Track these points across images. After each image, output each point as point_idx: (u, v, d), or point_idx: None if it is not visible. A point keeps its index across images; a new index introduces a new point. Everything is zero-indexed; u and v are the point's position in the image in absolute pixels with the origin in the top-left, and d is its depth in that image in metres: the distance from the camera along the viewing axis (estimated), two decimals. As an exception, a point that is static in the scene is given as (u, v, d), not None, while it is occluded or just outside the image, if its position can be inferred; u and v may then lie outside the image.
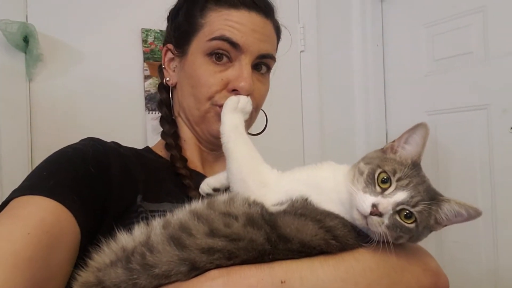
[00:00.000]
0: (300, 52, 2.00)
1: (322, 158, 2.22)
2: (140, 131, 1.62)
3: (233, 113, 0.77)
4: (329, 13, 2.08)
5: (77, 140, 0.76)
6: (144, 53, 1.63)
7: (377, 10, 2.12)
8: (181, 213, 0.61)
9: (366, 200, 0.59)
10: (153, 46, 1.63)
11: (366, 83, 2.11)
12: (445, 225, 0.62)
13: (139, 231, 0.60)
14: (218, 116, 0.82)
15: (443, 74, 1.84)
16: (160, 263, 0.53)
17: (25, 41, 1.41)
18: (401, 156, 0.65)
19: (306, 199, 0.63)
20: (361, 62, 2.12)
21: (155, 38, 1.64)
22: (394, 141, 0.67)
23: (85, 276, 0.57)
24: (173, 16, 0.92)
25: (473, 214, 0.60)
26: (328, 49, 2.07)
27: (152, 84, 1.63)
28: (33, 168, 1.40)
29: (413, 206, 0.59)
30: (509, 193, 1.62)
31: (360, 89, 2.12)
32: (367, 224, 0.59)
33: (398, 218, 0.59)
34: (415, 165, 0.63)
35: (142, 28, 1.62)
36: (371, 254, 0.60)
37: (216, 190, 0.78)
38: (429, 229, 0.62)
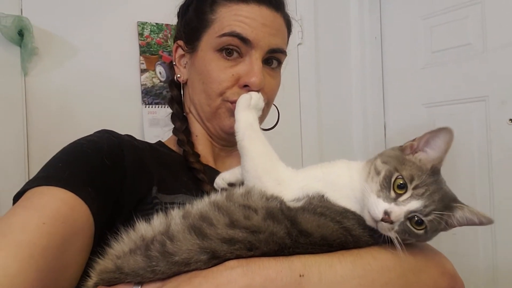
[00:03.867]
0: (298, 45, 1.99)
1: (319, 151, 2.24)
2: (136, 125, 1.61)
3: (246, 110, 0.76)
4: (327, 6, 2.07)
5: (73, 134, 0.76)
6: (140, 46, 1.61)
7: (375, 2, 2.11)
8: (200, 204, 0.62)
9: (379, 206, 0.59)
10: (149, 40, 1.62)
11: (364, 76, 2.10)
12: (454, 227, 0.63)
13: (158, 221, 0.61)
14: (230, 112, 0.82)
15: (441, 66, 1.84)
16: (180, 251, 0.53)
17: (20, 35, 1.40)
18: (421, 160, 0.63)
19: (323, 196, 0.63)
20: (359, 54, 2.11)
21: (151, 31, 1.62)
22: (414, 140, 0.65)
23: (103, 263, 0.58)
24: (183, 12, 0.92)
25: (484, 221, 0.60)
26: (326, 42, 2.06)
27: (148, 78, 1.62)
28: (29, 160, 1.41)
29: (426, 215, 0.58)
30: (507, 185, 1.62)
31: (358, 82, 2.12)
32: (377, 227, 0.60)
33: (408, 224, 0.59)
34: (434, 172, 0.62)
35: (138, 21, 1.61)
36: (389, 253, 0.60)
37: (231, 185, 0.78)
38: (439, 231, 0.62)
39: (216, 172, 0.87)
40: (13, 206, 0.59)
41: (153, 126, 1.61)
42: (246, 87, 0.82)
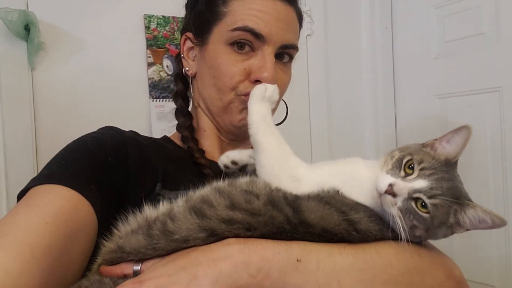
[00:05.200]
0: (307, 36, 1.95)
1: (329, 144, 2.22)
2: (144, 119, 1.61)
3: (260, 102, 0.75)
4: (336, -4, 2.03)
5: (80, 129, 0.76)
6: (147, 39, 1.60)
7: (386, -8, 2.07)
8: (203, 190, 0.63)
9: (385, 180, 0.61)
10: (156, 33, 1.61)
11: (375, 67, 2.07)
12: (468, 229, 0.61)
13: (163, 206, 0.63)
14: (242, 105, 0.82)
15: (453, 56, 1.80)
16: (180, 230, 0.55)
17: (26, 30, 1.40)
18: (436, 151, 0.65)
19: (338, 191, 0.63)
20: (369, 45, 2.07)
21: (158, 24, 1.61)
22: (436, 139, 0.67)
23: (107, 245, 0.60)
24: (192, 3, 0.90)
25: (497, 223, 0.58)
26: (336, 33, 2.02)
27: (155, 71, 1.61)
28: (38, 156, 1.42)
29: (430, 197, 0.58)
30: (521, 178, 1.59)
31: (368, 73, 2.08)
32: (381, 204, 0.60)
33: (413, 204, 0.58)
34: (448, 164, 0.62)
35: (144, 14, 1.60)
36: (393, 249, 0.58)
37: (234, 163, 0.78)
38: (450, 228, 0.61)
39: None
40: (17, 204, 0.59)
41: (161, 120, 1.60)
42: (258, 82, 0.80)
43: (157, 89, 1.61)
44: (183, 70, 0.91)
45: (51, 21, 1.47)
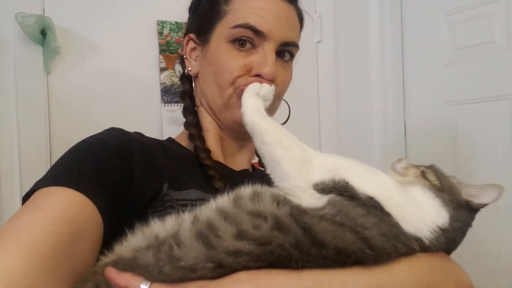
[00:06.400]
0: (317, 42, 1.97)
1: (338, 151, 2.21)
2: (156, 123, 1.62)
3: (254, 97, 0.74)
4: (347, 3, 2.04)
5: (94, 132, 0.76)
6: (160, 45, 1.62)
7: (396, -1, 2.07)
8: (208, 210, 0.60)
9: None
10: (168, 38, 1.63)
11: (384, 74, 2.07)
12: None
13: (170, 222, 0.60)
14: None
15: (464, 63, 1.80)
16: (187, 257, 0.53)
17: (43, 34, 1.42)
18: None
19: (348, 183, 0.60)
20: (379, 52, 2.08)
21: (170, 30, 1.63)
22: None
23: (120, 251, 0.58)
24: (195, 5, 0.92)
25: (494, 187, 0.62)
26: (346, 40, 2.03)
27: (168, 76, 1.63)
28: (52, 158, 1.44)
29: None
30: (532, 186, 1.57)
31: (378, 80, 2.08)
32: None
33: None
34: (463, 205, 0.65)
35: (157, 20, 1.62)
36: (406, 270, 0.58)
37: None
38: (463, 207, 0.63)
39: (226, 168, 0.88)
40: (22, 207, 0.59)
41: (172, 125, 1.62)
42: (258, 77, 0.81)
43: (169, 94, 1.62)
44: (186, 70, 0.92)
45: (67, 26, 1.49)
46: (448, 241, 0.62)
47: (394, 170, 0.70)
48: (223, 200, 0.61)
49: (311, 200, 0.59)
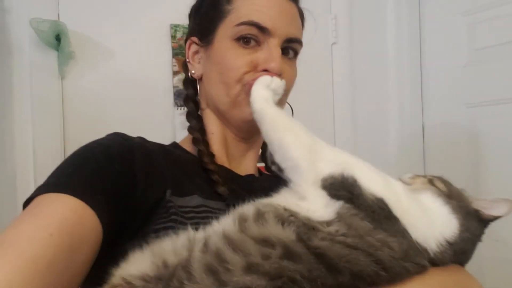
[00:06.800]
0: (332, 44, 1.94)
1: (354, 155, 2.16)
2: (168, 126, 1.63)
3: (264, 89, 0.73)
4: (363, 3, 2.00)
5: (107, 135, 0.76)
6: (173, 48, 1.62)
7: (414, -2, 2.03)
8: (216, 236, 0.56)
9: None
10: (181, 42, 1.63)
11: (402, 75, 2.02)
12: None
13: (180, 242, 0.57)
14: (250, 97, 0.79)
15: (484, 64, 1.74)
16: None
17: (57, 39, 1.44)
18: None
19: (356, 181, 0.58)
20: (396, 53, 2.03)
21: (183, 33, 1.63)
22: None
23: (127, 272, 0.55)
24: (197, 8, 0.92)
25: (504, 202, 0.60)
26: (361, 41, 2.00)
27: (180, 80, 1.62)
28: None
29: None
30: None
31: (395, 81, 2.04)
32: None
33: None
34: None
35: (171, 24, 1.62)
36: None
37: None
38: (476, 221, 0.61)
39: (230, 173, 0.86)
40: (22, 213, 0.58)
41: (185, 127, 1.58)
42: (266, 72, 0.80)
43: (181, 97, 1.62)
44: (189, 74, 0.92)
45: (81, 31, 1.51)
46: (456, 253, 0.60)
47: (402, 181, 0.68)
48: (229, 224, 0.58)
49: (319, 205, 0.57)
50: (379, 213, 0.56)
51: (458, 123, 1.85)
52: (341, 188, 0.58)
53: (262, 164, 0.97)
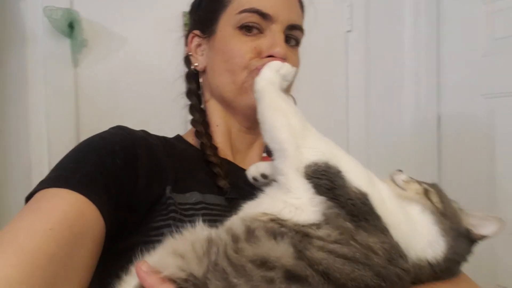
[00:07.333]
0: (347, 32, 1.91)
1: (366, 145, 2.15)
2: (181, 115, 1.61)
3: (273, 73, 0.71)
4: (379, -11, 1.96)
5: (120, 124, 0.76)
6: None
7: (432, -15, 1.98)
8: (221, 253, 0.52)
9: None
10: (194, 30, 1.61)
11: (418, 63, 1.98)
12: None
13: (201, 247, 0.54)
14: None
15: (503, 54, 1.69)
16: None
17: (70, 27, 1.44)
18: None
19: (339, 172, 0.56)
20: (413, 40, 1.99)
21: (196, 21, 1.61)
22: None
23: None
24: (198, 3, 0.93)
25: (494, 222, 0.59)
26: (377, 29, 1.96)
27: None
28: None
29: None
30: None
31: (411, 70, 2.00)
32: None
33: None
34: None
35: (183, 11, 1.60)
36: None
37: (264, 177, 0.73)
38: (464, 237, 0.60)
39: (234, 166, 0.86)
40: (22, 208, 0.58)
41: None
42: (270, 57, 0.80)
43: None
44: (192, 67, 0.92)
45: (94, 19, 1.51)
46: (436, 273, 0.57)
47: (394, 181, 0.66)
48: (226, 239, 0.54)
49: (304, 201, 0.55)
50: (360, 208, 0.54)
51: (474, 114, 1.81)
52: (323, 176, 0.55)
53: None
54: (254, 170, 0.75)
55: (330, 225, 0.53)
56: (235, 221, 0.57)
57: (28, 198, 0.60)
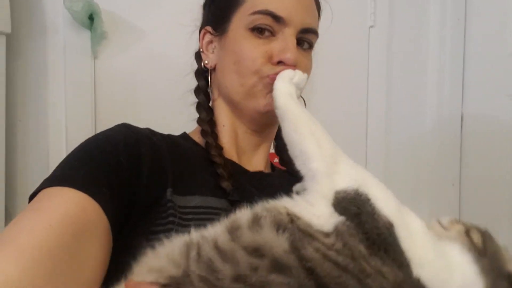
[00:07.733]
0: (369, 27, 1.87)
1: (386, 146, 2.11)
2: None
3: (287, 83, 0.73)
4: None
5: (139, 116, 0.75)
6: (205, 30, 1.60)
7: (459, -19, 1.92)
8: (207, 246, 0.52)
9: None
10: (213, 23, 1.60)
11: (442, 63, 1.93)
12: None
13: (179, 253, 0.53)
14: (267, 89, 0.80)
15: (532, 53, 1.64)
16: None
17: (90, 19, 1.44)
18: None
19: (369, 200, 0.55)
20: (438, 38, 1.94)
21: (216, 14, 1.60)
22: None
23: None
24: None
25: None
26: (401, 24, 1.91)
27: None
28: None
29: None
30: None
31: (435, 69, 1.95)
32: None
33: None
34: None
35: (202, 4, 1.59)
36: None
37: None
38: None
39: (239, 168, 0.85)
40: (25, 208, 0.58)
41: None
42: (281, 64, 0.79)
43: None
44: (202, 64, 0.91)
45: (114, 11, 1.51)
46: None
47: (439, 222, 0.62)
48: (220, 234, 0.54)
49: (323, 214, 0.54)
50: (384, 238, 0.52)
51: (499, 114, 1.75)
52: (352, 204, 0.55)
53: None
54: (300, 187, 0.72)
55: (339, 238, 0.51)
56: (245, 211, 0.56)
57: (31, 198, 0.60)
